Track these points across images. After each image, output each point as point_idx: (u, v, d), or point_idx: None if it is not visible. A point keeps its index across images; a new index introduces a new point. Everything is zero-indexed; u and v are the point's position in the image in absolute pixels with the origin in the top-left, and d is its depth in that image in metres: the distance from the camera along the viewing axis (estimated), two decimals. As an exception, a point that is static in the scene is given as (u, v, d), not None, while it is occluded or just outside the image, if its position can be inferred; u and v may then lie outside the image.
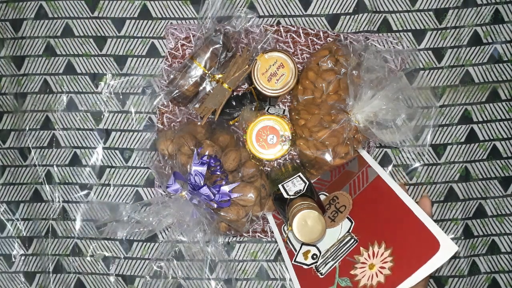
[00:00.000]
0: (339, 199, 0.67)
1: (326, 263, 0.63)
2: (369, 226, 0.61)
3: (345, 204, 0.65)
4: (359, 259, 0.59)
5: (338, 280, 0.60)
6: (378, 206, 0.61)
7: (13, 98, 0.79)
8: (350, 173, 0.69)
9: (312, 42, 0.74)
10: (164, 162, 0.71)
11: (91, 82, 0.78)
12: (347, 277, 0.58)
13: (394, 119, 0.65)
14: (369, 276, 0.56)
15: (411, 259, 0.52)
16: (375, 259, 0.57)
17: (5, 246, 0.79)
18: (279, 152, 0.70)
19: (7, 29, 0.78)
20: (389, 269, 0.54)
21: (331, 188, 0.70)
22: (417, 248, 0.53)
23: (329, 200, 0.68)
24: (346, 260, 0.60)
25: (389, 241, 0.57)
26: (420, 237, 0.53)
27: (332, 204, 0.67)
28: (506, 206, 0.76)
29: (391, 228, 0.58)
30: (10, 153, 0.79)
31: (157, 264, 0.74)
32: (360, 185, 0.66)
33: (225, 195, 0.65)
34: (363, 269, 0.57)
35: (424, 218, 0.54)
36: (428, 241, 0.52)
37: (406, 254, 0.54)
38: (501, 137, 0.76)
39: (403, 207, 0.57)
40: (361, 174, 0.66)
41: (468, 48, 0.76)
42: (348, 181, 0.68)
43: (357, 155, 0.68)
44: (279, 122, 0.70)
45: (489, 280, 0.76)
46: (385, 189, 0.61)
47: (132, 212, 0.66)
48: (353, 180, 0.67)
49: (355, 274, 0.58)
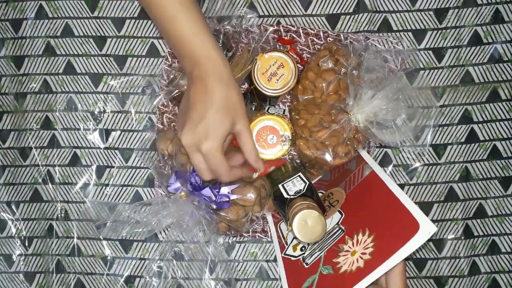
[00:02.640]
0: (334, 195, 0.67)
1: (313, 254, 0.63)
2: (357, 215, 0.61)
3: (338, 199, 0.66)
4: (343, 247, 0.58)
5: (321, 268, 0.59)
6: (367, 197, 0.61)
7: (13, 98, 0.79)
8: (347, 171, 0.69)
9: (312, 42, 0.74)
10: (164, 162, 0.71)
11: (91, 82, 0.78)
12: (330, 265, 0.58)
13: (394, 119, 0.65)
14: (350, 262, 0.55)
15: (390, 242, 0.52)
16: (358, 246, 0.56)
17: (5, 246, 0.79)
18: (279, 152, 0.70)
19: (7, 29, 0.78)
20: (369, 254, 0.54)
21: (328, 186, 0.71)
22: (397, 231, 0.52)
23: (325, 197, 0.68)
24: (331, 249, 0.60)
25: (372, 227, 0.56)
26: (401, 220, 0.53)
27: (326, 200, 0.67)
28: (506, 206, 0.76)
29: (376, 215, 0.58)
30: (10, 153, 0.79)
31: (157, 264, 0.74)
32: (355, 181, 0.66)
33: (224, 196, 0.65)
34: (346, 256, 0.57)
35: (405, 200, 0.54)
36: (408, 223, 0.51)
37: (386, 238, 0.53)
38: (501, 137, 0.76)
39: (387, 192, 0.57)
40: (357, 171, 0.66)
41: (468, 48, 0.76)
42: (344, 178, 0.68)
43: (357, 155, 0.69)
44: (279, 122, 0.70)
45: (489, 280, 0.76)
46: (375, 179, 0.61)
47: (132, 212, 0.66)
48: (349, 177, 0.67)
49: (337, 261, 0.57)
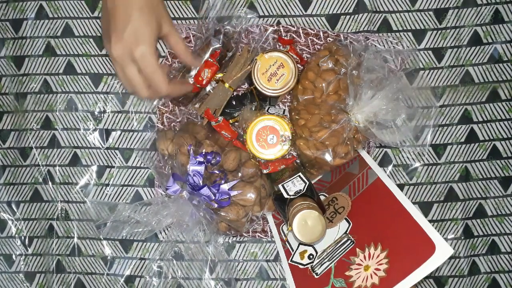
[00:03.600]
0: (338, 200, 0.67)
1: (322, 263, 0.62)
2: (366, 227, 0.61)
3: (344, 206, 0.65)
4: (355, 260, 0.58)
5: (333, 280, 0.59)
6: (375, 207, 0.61)
7: (13, 98, 0.79)
8: (350, 174, 0.69)
9: (312, 42, 0.74)
10: (164, 162, 0.71)
11: (91, 82, 0.78)
12: (342, 278, 0.58)
13: (394, 119, 0.65)
14: (364, 277, 0.56)
15: (406, 261, 0.52)
16: (371, 260, 0.56)
17: (5, 246, 0.79)
18: (279, 152, 0.70)
19: (8, 29, 0.78)
20: (384, 271, 0.54)
21: (331, 189, 0.70)
22: (413, 250, 0.52)
23: (328, 201, 0.68)
24: (342, 261, 0.60)
25: (385, 242, 0.56)
26: (416, 239, 0.53)
27: (331, 205, 0.67)
28: (506, 206, 0.76)
29: (388, 229, 0.58)
30: (11, 153, 0.79)
31: (157, 264, 0.74)
32: (359, 187, 0.65)
33: (224, 194, 0.65)
34: (358, 270, 0.57)
35: (420, 219, 0.54)
36: (423, 243, 0.51)
37: (401, 256, 0.53)
38: (501, 137, 0.76)
39: (400, 208, 0.57)
40: (361, 176, 0.66)
41: (468, 48, 0.76)
42: (348, 182, 0.68)
43: (359, 157, 0.68)
44: (279, 122, 0.70)
45: (489, 280, 0.76)
46: (384, 190, 0.61)
47: (132, 212, 0.66)
48: (353, 182, 0.67)
49: (350, 275, 0.58)
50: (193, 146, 0.67)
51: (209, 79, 0.67)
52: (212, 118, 0.69)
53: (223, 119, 0.69)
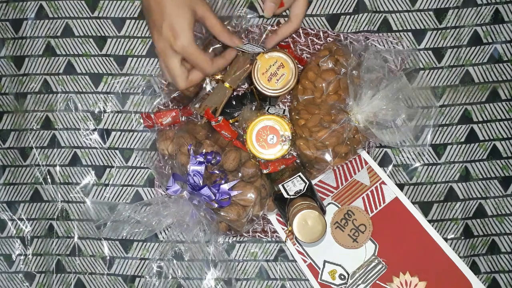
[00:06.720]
0: (356, 215, 0.67)
1: (357, 285, 0.64)
2: (397, 253, 0.65)
3: (364, 224, 0.66)
4: (392, 286, 0.63)
5: None
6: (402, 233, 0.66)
7: (13, 98, 0.79)
8: (360, 184, 0.69)
9: (312, 42, 0.74)
10: (164, 162, 0.71)
11: (91, 82, 0.78)
12: None
13: (394, 119, 0.65)
14: None
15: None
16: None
17: (5, 246, 0.79)
18: (279, 152, 0.70)
19: (8, 29, 0.78)
20: None
21: (340, 198, 0.70)
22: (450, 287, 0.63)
23: (344, 214, 0.68)
24: (378, 285, 0.63)
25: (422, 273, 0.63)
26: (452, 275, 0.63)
27: (348, 220, 0.67)
28: (506, 206, 0.76)
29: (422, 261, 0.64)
30: (11, 153, 0.79)
31: (157, 264, 0.74)
32: (376, 204, 0.68)
33: (225, 194, 0.65)
34: None
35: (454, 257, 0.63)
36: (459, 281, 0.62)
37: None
38: (501, 137, 0.76)
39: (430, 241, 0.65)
40: (375, 190, 0.68)
41: (468, 48, 0.76)
42: (359, 194, 0.69)
43: (367, 166, 0.69)
44: (279, 122, 0.70)
45: (489, 280, 0.76)
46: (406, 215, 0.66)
47: (132, 212, 0.66)
48: (366, 195, 0.68)
49: None
50: (193, 146, 0.67)
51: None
52: (212, 118, 0.69)
53: (223, 119, 0.69)
